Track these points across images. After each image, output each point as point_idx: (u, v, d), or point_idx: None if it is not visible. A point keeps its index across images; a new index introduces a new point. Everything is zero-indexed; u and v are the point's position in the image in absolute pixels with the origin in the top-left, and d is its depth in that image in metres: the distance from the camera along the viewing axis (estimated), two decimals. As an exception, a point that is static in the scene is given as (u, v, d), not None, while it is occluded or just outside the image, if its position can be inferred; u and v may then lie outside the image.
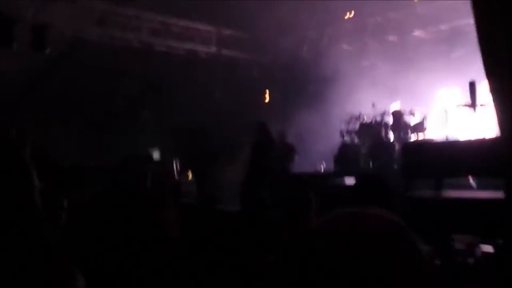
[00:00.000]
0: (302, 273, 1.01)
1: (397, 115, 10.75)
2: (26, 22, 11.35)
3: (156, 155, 12.68)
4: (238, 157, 11.86)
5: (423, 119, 10.62)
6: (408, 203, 6.19)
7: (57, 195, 3.29)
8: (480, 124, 8.64)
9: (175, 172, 11.12)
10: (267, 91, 14.94)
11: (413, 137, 10.55)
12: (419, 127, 10.52)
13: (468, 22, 6.75)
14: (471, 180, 7.45)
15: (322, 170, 11.59)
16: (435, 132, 10.53)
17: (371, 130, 10.67)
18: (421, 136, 10.50)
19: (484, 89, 7.78)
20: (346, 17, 13.62)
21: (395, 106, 11.22)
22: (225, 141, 13.11)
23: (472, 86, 8.12)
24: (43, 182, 3.11)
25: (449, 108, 9.29)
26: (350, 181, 9.66)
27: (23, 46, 11.16)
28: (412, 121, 10.75)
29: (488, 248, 5.25)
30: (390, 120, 10.83)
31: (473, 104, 8.15)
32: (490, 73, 5.84)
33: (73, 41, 12.46)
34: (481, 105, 8.17)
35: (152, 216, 5.41)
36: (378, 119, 10.82)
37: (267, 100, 14.87)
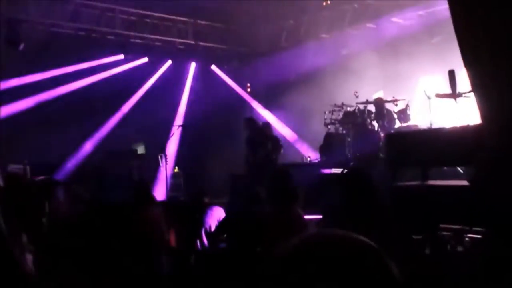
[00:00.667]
0: None
1: (380, 103, 10.77)
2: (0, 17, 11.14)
3: (141, 150, 12.59)
4: (225, 150, 11.83)
5: (406, 107, 10.65)
6: (395, 194, 6.21)
7: (38, 203, 3.21)
8: (463, 111, 8.66)
9: (161, 166, 11.05)
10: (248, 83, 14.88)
11: (397, 125, 10.59)
12: (403, 115, 10.55)
13: (445, 7, 6.73)
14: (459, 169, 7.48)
15: (308, 160, 11.61)
16: (418, 120, 10.58)
17: (355, 119, 10.69)
18: (405, 124, 10.54)
19: (465, 76, 7.76)
20: (324, 4, 13.53)
21: (377, 94, 11.25)
22: (210, 133, 13.05)
23: (451, 74, 8.09)
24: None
25: (431, 95, 9.30)
26: (336, 170, 9.70)
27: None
28: (395, 109, 10.79)
29: (476, 236, 5.28)
30: (373, 108, 10.85)
31: (453, 93, 8.13)
32: (469, 64, 5.85)
33: (48, 36, 12.25)
34: (461, 94, 8.14)
35: (137, 215, 5.37)
36: (361, 107, 10.84)
37: (249, 90, 14.81)
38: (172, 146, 12.69)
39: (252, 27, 14.03)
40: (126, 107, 13.23)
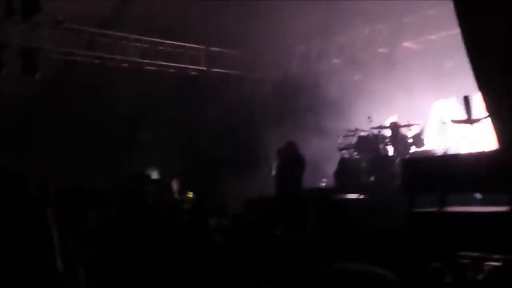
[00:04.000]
0: None
1: (394, 128, 10.75)
2: (15, 47, 11.31)
3: (155, 175, 12.63)
4: (240, 173, 11.80)
5: (421, 132, 10.63)
6: (412, 220, 6.15)
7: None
8: (478, 136, 8.64)
9: (176, 191, 11.08)
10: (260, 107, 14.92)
11: (412, 150, 10.53)
12: (417, 140, 10.51)
13: (457, 31, 6.76)
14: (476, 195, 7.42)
15: (324, 185, 11.56)
16: (433, 144, 10.54)
17: (370, 144, 10.66)
18: (419, 149, 10.49)
19: (479, 100, 7.76)
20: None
21: (391, 119, 11.22)
22: (224, 158, 13.06)
23: (466, 100, 8.10)
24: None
25: (446, 119, 9.29)
26: (351, 196, 9.63)
27: (15, 71, 11.15)
28: (410, 133, 10.76)
29: (496, 263, 5.21)
30: (387, 133, 10.83)
31: (469, 119, 8.12)
32: (482, 86, 5.84)
33: (63, 65, 12.44)
34: (477, 120, 8.13)
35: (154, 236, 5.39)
36: (375, 132, 10.81)
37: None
38: (186, 171, 12.71)
39: (263, 53, 14.13)
40: (141, 132, 13.33)
